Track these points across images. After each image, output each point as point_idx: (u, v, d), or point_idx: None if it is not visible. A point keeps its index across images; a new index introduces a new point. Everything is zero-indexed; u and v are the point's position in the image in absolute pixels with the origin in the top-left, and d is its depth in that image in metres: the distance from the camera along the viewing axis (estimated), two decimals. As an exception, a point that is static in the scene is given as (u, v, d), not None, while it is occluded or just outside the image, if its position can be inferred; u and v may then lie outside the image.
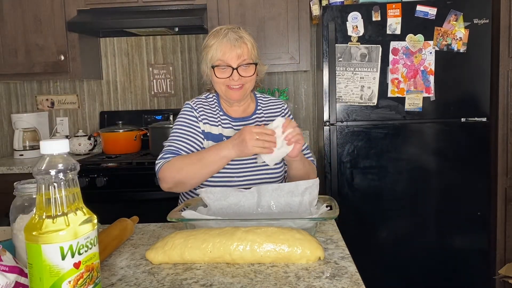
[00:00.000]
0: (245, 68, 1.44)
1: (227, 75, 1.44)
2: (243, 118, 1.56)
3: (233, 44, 1.41)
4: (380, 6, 2.32)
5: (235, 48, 1.41)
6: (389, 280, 2.45)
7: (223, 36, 1.43)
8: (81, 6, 2.70)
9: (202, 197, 1.25)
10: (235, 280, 0.85)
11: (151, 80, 3.10)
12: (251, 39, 1.46)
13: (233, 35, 1.43)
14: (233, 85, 1.45)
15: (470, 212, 2.40)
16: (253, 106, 1.59)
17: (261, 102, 1.62)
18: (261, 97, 1.63)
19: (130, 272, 0.92)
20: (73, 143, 2.88)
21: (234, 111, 1.56)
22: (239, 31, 1.45)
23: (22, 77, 2.84)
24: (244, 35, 1.44)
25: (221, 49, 1.42)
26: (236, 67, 1.42)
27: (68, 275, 0.66)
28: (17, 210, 0.89)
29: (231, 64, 1.42)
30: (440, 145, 2.39)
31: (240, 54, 1.42)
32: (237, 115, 1.56)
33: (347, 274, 0.87)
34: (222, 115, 1.55)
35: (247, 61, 1.43)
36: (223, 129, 1.52)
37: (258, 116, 1.58)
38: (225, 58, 1.42)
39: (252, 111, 1.58)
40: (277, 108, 1.62)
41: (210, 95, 1.59)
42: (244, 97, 1.52)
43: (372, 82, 2.35)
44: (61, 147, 0.69)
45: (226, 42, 1.42)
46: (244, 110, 1.57)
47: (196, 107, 1.54)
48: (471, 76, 2.35)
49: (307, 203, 1.22)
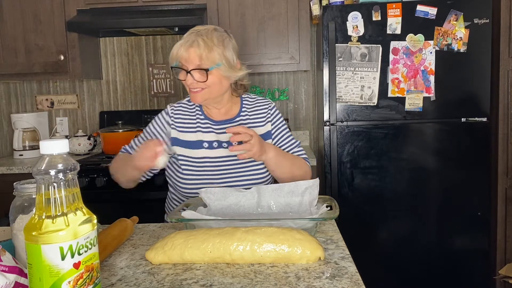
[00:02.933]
0: (199, 73, 1.40)
1: (182, 78, 1.43)
2: (225, 121, 1.54)
3: (184, 48, 1.39)
4: (380, 6, 2.32)
5: (184, 52, 1.39)
6: (389, 280, 2.45)
7: (186, 36, 1.42)
8: (81, 6, 2.70)
9: (202, 197, 1.25)
10: (235, 280, 0.85)
11: (151, 80, 3.10)
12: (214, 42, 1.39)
13: (191, 38, 1.39)
14: (191, 88, 1.43)
15: (470, 212, 2.40)
16: (237, 108, 1.57)
17: (246, 103, 1.59)
18: (247, 98, 1.60)
19: (130, 272, 0.92)
20: (73, 143, 2.88)
21: (215, 114, 1.54)
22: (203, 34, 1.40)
23: (22, 77, 2.83)
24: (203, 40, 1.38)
25: (175, 50, 1.41)
26: (189, 71, 1.39)
27: (68, 275, 0.66)
28: (17, 210, 0.89)
29: (185, 67, 1.40)
30: (440, 145, 2.39)
31: (187, 58, 1.39)
32: (220, 118, 1.54)
33: (347, 274, 0.87)
34: (203, 119, 1.53)
35: (198, 67, 1.39)
36: (203, 134, 1.51)
37: (243, 118, 1.55)
38: (179, 58, 1.41)
39: (236, 113, 1.56)
40: (263, 108, 1.58)
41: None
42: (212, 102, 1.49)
43: (372, 82, 2.35)
44: (61, 147, 0.69)
45: (183, 42, 1.40)
46: (226, 112, 1.55)
47: (173, 113, 1.54)
48: (471, 76, 2.35)
49: (307, 203, 1.21)
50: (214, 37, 1.41)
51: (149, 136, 1.55)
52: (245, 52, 2.71)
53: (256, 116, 1.56)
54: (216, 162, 1.49)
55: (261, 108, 1.58)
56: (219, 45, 1.41)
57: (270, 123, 1.56)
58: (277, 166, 1.45)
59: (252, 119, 1.56)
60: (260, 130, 1.53)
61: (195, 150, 1.50)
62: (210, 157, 1.49)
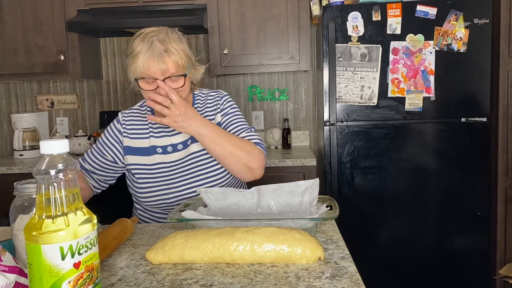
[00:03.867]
0: (173, 80, 1.33)
1: (153, 87, 1.32)
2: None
3: (157, 59, 1.29)
4: (380, 6, 2.32)
5: (159, 64, 1.29)
6: (389, 280, 2.45)
7: (147, 46, 1.31)
8: (81, 6, 2.70)
9: (202, 197, 1.25)
10: (235, 280, 0.85)
11: (151, 80, 3.10)
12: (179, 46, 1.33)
13: (159, 47, 1.30)
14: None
15: (470, 212, 2.40)
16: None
17: (199, 99, 1.52)
18: (199, 94, 1.53)
19: (130, 272, 0.92)
20: (73, 143, 2.88)
21: None
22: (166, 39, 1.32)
23: (22, 77, 2.84)
24: (171, 45, 1.31)
25: (144, 64, 1.30)
26: (162, 79, 1.31)
27: (68, 275, 0.66)
28: (17, 210, 0.89)
29: (157, 77, 1.31)
30: (440, 145, 2.39)
31: (165, 69, 1.30)
32: None
33: (347, 274, 0.87)
34: (154, 124, 1.47)
35: (175, 74, 1.32)
36: (156, 140, 1.46)
37: None
38: (149, 72, 1.30)
39: None
40: (214, 101, 1.50)
41: (144, 102, 1.52)
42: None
43: (372, 82, 2.35)
44: (61, 147, 0.69)
45: (149, 55, 1.29)
46: None
47: (124, 120, 1.50)
48: (471, 76, 2.35)
49: (307, 203, 1.21)
50: (176, 40, 1.34)
51: (101, 147, 1.50)
52: (245, 52, 2.71)
53: (207, 110, 1.49)
54: (172, 167, 1.43)
55: (212, 101, 1.50)
56: (183, 47, 1.35)
57: (219, 114, 1.49)
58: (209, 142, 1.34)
59: (204, 113, 1.49)
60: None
61: (149, 157, 1.45)
62: (165, 162, 1.44)
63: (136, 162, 1.46)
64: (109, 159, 1.50)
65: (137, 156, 1.46)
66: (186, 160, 1.44)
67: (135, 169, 1.45)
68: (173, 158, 1.44)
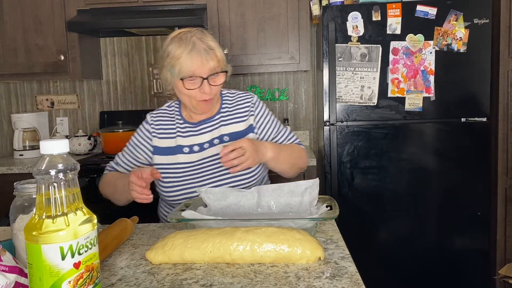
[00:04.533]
0: (214, 78, 1.37)
1: (196, 86, 1.36)
2: (204, 121, 1.49)
3: (205, 57, 1.33)
4: (380, 6, 2.32)
5: (207, 62, 1.33)
6: (389, 280, 2.45)
7: (191, 47, 1.33)
8: (81, 6, 2.70)
9: (202, 197, 1.25)
10: (235, 280, 0.85)
11: (151, 80, 3.10)
12: (216, 43, 1.37)
13: (201, 45, 1.33)
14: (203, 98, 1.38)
15: (470, 212, 2.40)
16: (218, 106, 1.51)
17: (227, 99, 1.53)
18: (227, 94, 1.55)
19: (130, 272, 0.92)
20: (73, 143, 2.88)
21: (197, 116, 1.50)
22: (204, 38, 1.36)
23: (22, 77, 2.83)
24: (211, 43, 1.36)
25: (192, 64, 1.33)
26: (206, 77, 1.35)
27: (68, 275, 0.66)
28: (17, 210, 0.89)
29: (202, 75, 1.35)
30: (440, 145, 2.39)
31: (213, 67, 1.34)
32: (199, 119, 1.50)
33: (347, 274, 0.87)
34: (182, 123, 1.50)
35: (218, 70, 1.36)
36: (182, 139, 1.47)
37: (223, 115, 1.50)
38: (198, 72, 1.34)
39: (216, 111, 1.51)
40: (245, 102, 1.52)
41: (172, 103, 1.55)
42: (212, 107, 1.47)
43: (372, 82, 2.35)
44: (61, 147, 0.69)
45: (196, 55, 1.33)
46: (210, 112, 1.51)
47: (153, 120, 1.52)
48: (471, 76, 2.35)
49: (307, 203, 1.21)
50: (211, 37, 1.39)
51: (132, 149, 1.53)
52: (245, 52, 2.71)
53: (237, 111, 1.51)
54: (198, 166, 1.45)
55: (243, 102, 1.52)
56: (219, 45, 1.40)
57: (252, 117, 1.50)
58: (277, 163, 1.42)
59: (233, 114, 1.50)
60: (241, 126, 1.49)
61: (175, 156, 1.46)
62: (191, 162, 1.45)
63: (162, 161, 1.47)
64: (141, 160, 1.52)
65: (163, 156, 1.48)
66: (213, 160, 1.44)
67: (160, 168, 1.46)
68: (200, 157, 1.45)
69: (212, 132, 1.47)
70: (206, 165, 1.45)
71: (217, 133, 1.47)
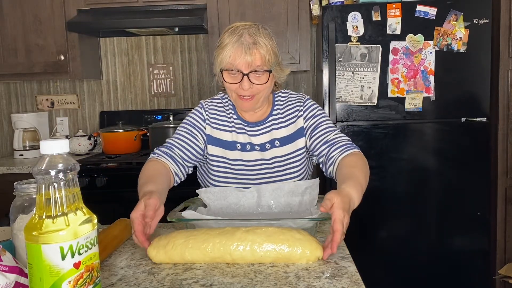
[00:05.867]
0: (257, 76, 1.30)
1: (237, 81, 1.30)
2: (257, 123, 1.44)
3: (245, 50, 1.27)
4: (380, 6, 2.32)
5: (246, 56, 1.27)
6: (389, 280, 2.45)
7: (237, 38, 1.28)
8: (81, 6, 2.70)
9: (202, 197, 1.25)
10: (235, 280, 0.85)
11: (151, 80, 3.10)
12: (269, 42, 1.30)
13: (248, 39, 1.28)
14: (243, 95, 1.32)
15: (470, 212, 2.40)
16: (270, 108, 1.46)
17: (279, 101, 1.47)
18: (279, 96, 1.48)
19: (130, 272, 0.92)
20: (73, 143, 2.88)
21: (249, 116, 1.44)
22: (256, 33, 1.30)
23: (22, 77, 2.83)
24: (261, 39, 1.29)
25: (232, 54, 1.28)
26: (246, 73, 1.29)
27: (68, 275, 0.66)
28: (17, 210, 0.89)
29: (242, 70, 1.28)
30: (440, 145, 2.39)
31: (251, 62, 1.27)
32: (253, 120, 1.44)
33: (347, 274, 0.87)
34: (236, 119, 1.44)
35: (260, 68, 1.29)
36: (237, 136, 1.43)
37: (274, 118, 1.44)
38: (235, 63, 1.28)
39: (268, 113, 1.45)
40: (295, 104, 1.46)
41: (226, 96, 1.47)
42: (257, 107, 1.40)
43: (372, 82, 2.35)
44: (61, 147, 0.69)
45: (238, 46, 1.27)
46: (262, 114, 1.45)
47: (208, 108, 1.46)
48: (471, 76, 2.35)
49: (307, 203, 1.21)
50: (266, 35, 1.31)
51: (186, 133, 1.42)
52: (245, 52, 2.71)
53: (287, 113, 1.45)
54: (250, 166, 1.42)
55: (293, 103, 1.46)
56: (272, 44, 1.32)
57: (301, 118, 1.43)
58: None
59: (284, 117, 1.45)
60: (290, 129, 1.43)
61: (230, 151, 1.42)
62: (244, 160, 1.42)
63: (218, 154, 1.42)
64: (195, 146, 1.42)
65: (220, 148, 1.43)
66: (263, 163, 1.42)
67: (215, 161, 1.42)
68: (251, 157, 1.42)
69: (264, 135, 1.43)
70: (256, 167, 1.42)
71: (269, 137, 1.43)
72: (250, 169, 1.41)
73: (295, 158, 1.41)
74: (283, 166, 1.41)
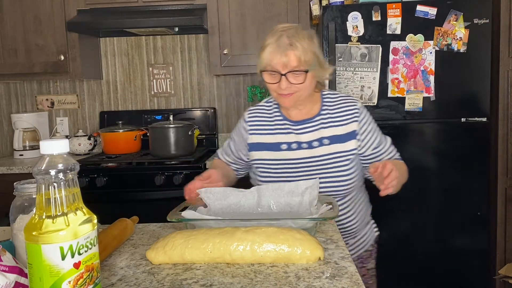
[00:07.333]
0: (295, 76, 1.35)
1: (276, 81, 1.37)
2: (305, 121, 1.46)
3: (281, 52, 1.33)
4: (380, 6, 2.32)
5: (281, 57, 1.33)
6: (389, 280, 2.45)
7: (275, 39, 1.35)
8: (81, 6, 2.70)
9: (202, 197, 1.25)
10: (235, 280, 0.85)
11: (151, 80, 3.10)
12: (306, 43, 1.35)
13: (285, 41, 1.34)
14: (282, 93, 1.38)
15: (470, 212, 2.40)
16: (318, 107, 1.48)
17: (328, 101, 1.49)
18: (328, 95, 1.50)
19: (130, 272, 0.92)
20: (73, 143, 2.88)
21: (295, 115, 1.48)
22: (294, 35, 1.35)
23: (22, 77, 2.83)
24: (297, 41, 1.34)
25: (269, 55, 1.35)
26: (284, 74, 1.34)
27: (68, 275, 0.66)
28: (17, 210, 0.89)
29: (279, 70, 1.35)
30: (440, 145, 2.39)
31: (287, 62, 1.33)
32: (299, 118, 1.47)
33: (347, 274, 0.87)
34: (281, 120, 1.48)
35: (296, 69, 1.34)
36: (282, 136, 1.47)
37: (324, 117, 1.46)
38: (273, 64, 1.35)
39: (316, 112, 1.47)
40: (349, 107, 1.47)
41: (270, 99, 1.55)
42: (298, 104, 1.43)
43: (372, 82, 2.35)
44: (61, 147, 0.69)
45: (275, 48, 1.34)
46: (307, 112, 1.47)
47: (249, 118, 1.53)
48: (471, 76, 2.35)
49: (307, 203, 1.21)
50: (305, 37, 1.36)
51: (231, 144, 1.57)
52: (245, 52, 2.71)
53: (339, 114, 1.46)
54: (295, 164, 1.43)
55: (346, 107, 1.47)
56: (310, 44, 1.36)
57: (356, 123, 1.45)
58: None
59: (334, 117, 1.46)
60: (341, 130, 1.45)
61: (273, 152, 1.46)
62: (289, 159, 1.44)
63: (260, 157, 1.48)
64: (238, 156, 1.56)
65: (262, 151, 1.48)
66: (310, 161, 1.43)
67: (258, 164, 1.48)
68: (298, 156, 1.44)
69: (312, 133, 1.45)
70: (303, 165, 1.43)
71: (317, 135, 1.44)
72: (296, 168, 1.43)
73: (344, 158, 1.42)
74: (331, 164, 1.42)
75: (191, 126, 2.68)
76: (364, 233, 1.61)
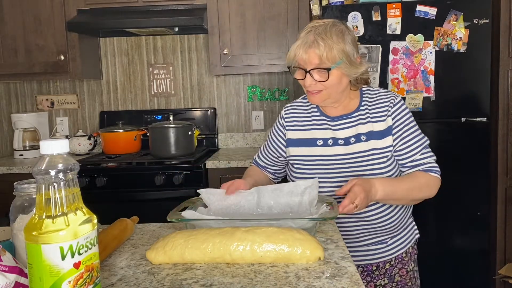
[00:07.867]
0: (320, 73, 1.32)
1: (301, 77, 1.35)
2: (341, 117, 1.44)
3: (303, 49, 1.32)
4: (380, 6, 2.32)
5: (302, 54, 1.32)
6: (389, 280, 2.45)
7: (304, 35, 1.34)
8: (81, 6, 2.70)
9: (202, 197, 1.25)
10: (235, 280, 0.85)
11: (151, 80, 3.10)
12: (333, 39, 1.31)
13: (310, 38, 1.31)
14: (309, 90, 1.37)
15: (470, 212, 2.40)
16: (356, 103, 1.45)
17: (367, 96, 1.45)
18: (368, 91, 1.47)
19: (130, 272, 0.92)
20: (73, 143, 2.88)
21: (332, 111, 1.45)
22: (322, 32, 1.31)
23: (22, 77, 2.84)
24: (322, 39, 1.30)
25: (292, 52, 1.35)
26: (308, 70, 1.32)
27: (68, 275, 0.66)
28: (17, 210, 0.89)
29: (304, 66, 1.33)
30: (440, 145, 2.39)
31: (306, 59, 1.31)
32: (336, 114, 1.45)
33: (347, 274, 0.87)
34: (318, 116, 1.47)
35: (318, 66, 1.31)
36: (319, 132, 1.45)
37: (362, 113, 1.43)
38: (294, 60, 1.35)
39: (354, 108, 1.44)
40: (385, 102, 1.43)
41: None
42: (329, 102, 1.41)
43: (372, 82, 2.35)
44: (61, 147, 0.69)
45: (300, 44, 1.33)
46: (344, 107, 1.44)
47: (286, 114, 1.52)
48: (471, 76, 2.35)
49: (307, 203, 1.22)
50: (333, 34, 1.32)
51: (270, 145, 1.56)
52: (245, 52, 2.71)
53: (377, 110, 1.43)
54: (331, 160, 1.42)
55: (383, 102, 1.43)
56: (339, 42, 1.32)
57: (390, 118, 1.41)
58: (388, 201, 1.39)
59: (372, 113, 1.42)
60: (379, 126, 1.41)
61: (309, 148, 1.45)
62: (325, 155, 1.42)
63: (296, 153, 1.47)
64: (277, 155, 1.54)
65: (298, 147, 1.47)
66: (347, 158, 1.41)
67: (294, 160, 1.47)
68: (334, 152, 1.42)
69: (349, 129, 1.43)
70: (338, 161, 1.41)
71: (355, 131, 1.42)
72: (331, 164, 1.42)
73: (381, 155, 1.39)
74: (367, 161, 1.40)
75: (191, 126, 2.68)
76: (405, 233, 1.55)
